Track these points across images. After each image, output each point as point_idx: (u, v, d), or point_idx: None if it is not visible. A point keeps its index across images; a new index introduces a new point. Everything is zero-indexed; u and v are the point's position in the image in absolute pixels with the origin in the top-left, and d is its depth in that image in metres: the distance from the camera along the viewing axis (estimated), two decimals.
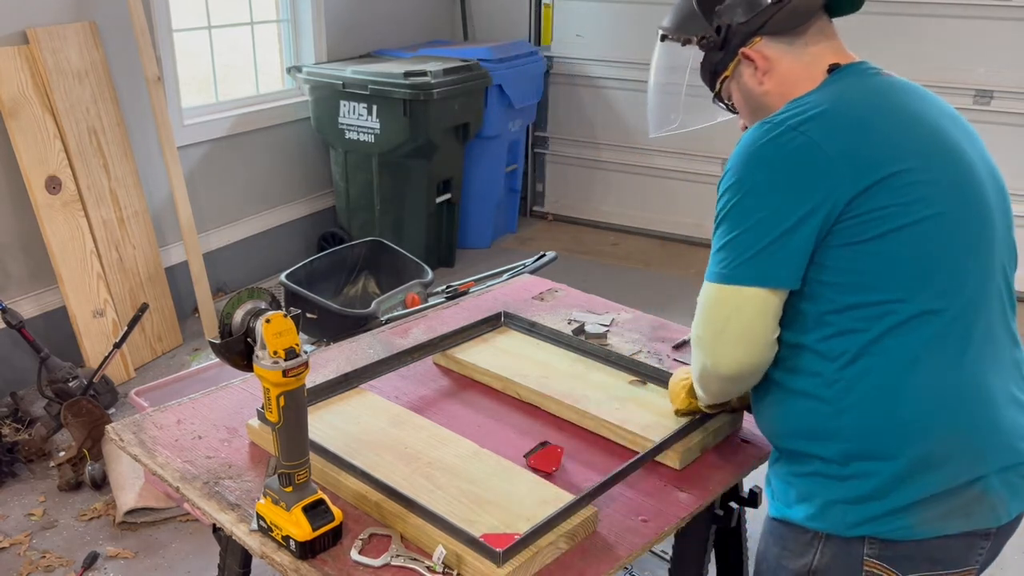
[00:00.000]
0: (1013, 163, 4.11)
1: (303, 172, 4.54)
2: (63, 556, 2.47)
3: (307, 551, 1.28)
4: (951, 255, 1.21)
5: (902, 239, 1.18)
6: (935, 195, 1.21)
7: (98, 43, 3.37)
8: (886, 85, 1.32)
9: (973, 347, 1.22)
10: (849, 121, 1.23)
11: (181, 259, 3.82)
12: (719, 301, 1.25)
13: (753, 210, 1.21)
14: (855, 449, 1.23)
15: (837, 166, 1.18)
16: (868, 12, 1.50)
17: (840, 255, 1.20)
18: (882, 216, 1.18)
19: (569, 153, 5.20)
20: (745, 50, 1.33)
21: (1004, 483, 1.23)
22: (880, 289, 1.19)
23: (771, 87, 1.33)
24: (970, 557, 1.25)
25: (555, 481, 1.45)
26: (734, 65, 1.36)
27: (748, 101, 1.38)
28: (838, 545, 1.25)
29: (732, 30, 1.34)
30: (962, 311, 1.22)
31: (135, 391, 2.69)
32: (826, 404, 1.24)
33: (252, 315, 1.28)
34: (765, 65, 1.33)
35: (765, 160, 1.22)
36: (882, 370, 1.20)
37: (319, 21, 4.43)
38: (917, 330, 1.19)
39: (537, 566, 1.28)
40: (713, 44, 1.36)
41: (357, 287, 3.57)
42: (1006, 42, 3.99)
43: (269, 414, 1.27)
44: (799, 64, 1.32)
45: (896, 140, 1.22)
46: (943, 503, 1.20)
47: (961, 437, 1.21)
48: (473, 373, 1.84)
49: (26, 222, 3.25)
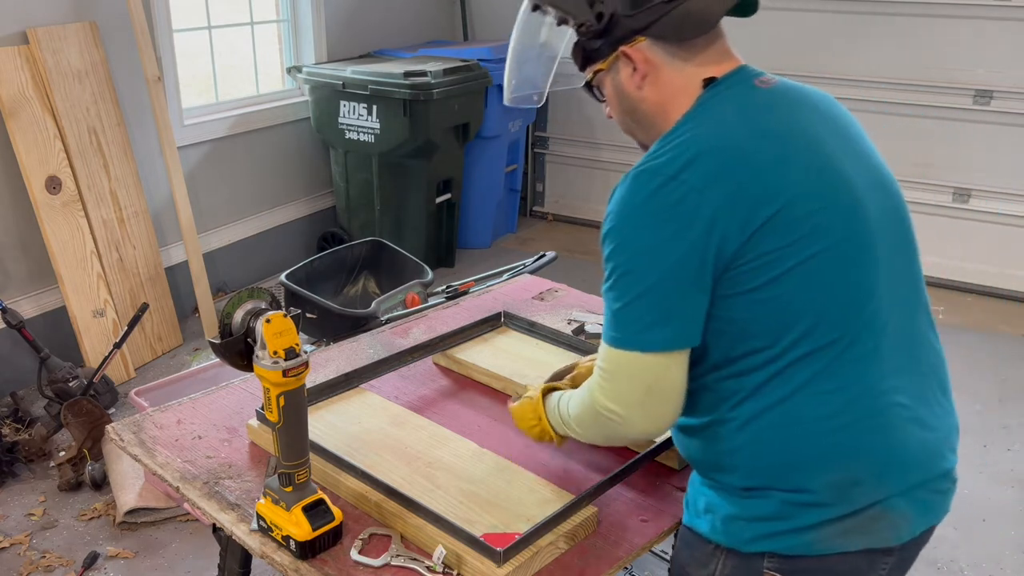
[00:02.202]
0: (1013, 163, 4.12)
1: (303, 172, 4.54)
2: (63, 556, 2.47)
3: (307, 551, 1.28)
4: (843, 283, 1.16)
5: (792, 280, 1.13)
6: (821, 224, 1.15)
7: (98, 43, 3.37)
8: (763, 99, 1.22)
9: (874, 369, 1.19)
10: (729, 157, 1.14)
11: (181, 259, 3.82)
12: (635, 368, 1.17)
13: (648, 271, 1.14)
14: (753, 483, 1.21)
15: (722, 214, 1.11)
16: (868, 12, 1.50)
17: (729, 305, 1.15)
18: (770, 261, 1.13)
19: (569, 153, 5.20)
20: (626, 48, 1.22)
21: (910, 501, 1.20)
22: (769, 334, 1.15)
23: (649, 94, 1.24)
24: (873, 571, 1.23)
25: (555, 480, 1.45)
26: (612, 59, 1.25)
27: (621, 101, 1.29)
28: (738, 559, 1.24)
29: (614, 20, 1.21)
30: (858, 337, 1.17)
31: (135, 391, 2.69)
32: (721, 442, 1.23)
33: (252, 315, 1.28)
34: (645, 68, 1.23)
35: (648, 216, 1.14)
36: (774, 408, 1.17)
37: (319, 21, 4.43)
38: (809, 367, 1.16)
39: (537, 566, 1.28)
40: (591, 31, 1.23)
41: (357, 287, 3.57)
42: (1006, 42, 3.99)
43: (269, 414, 1.27)
44: (680, 76, 1.22)
45: (778, 169, 1.15)
46: (842, 523, 1.18)
47: (860, 465, 1.18)
48: (473, 373, 1.84)
49: (26, 222, 3.25)
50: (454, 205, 4.52)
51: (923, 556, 2.57)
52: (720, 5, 1.20)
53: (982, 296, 4.32)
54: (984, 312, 4.18)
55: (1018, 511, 2.76)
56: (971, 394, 3.37)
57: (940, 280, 4.38)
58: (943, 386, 1.31)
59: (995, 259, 4.27)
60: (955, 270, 4.36)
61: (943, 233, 4.35)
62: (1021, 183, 4.15)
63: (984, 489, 2.85)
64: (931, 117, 4.23)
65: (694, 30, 1.20)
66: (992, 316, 4.13)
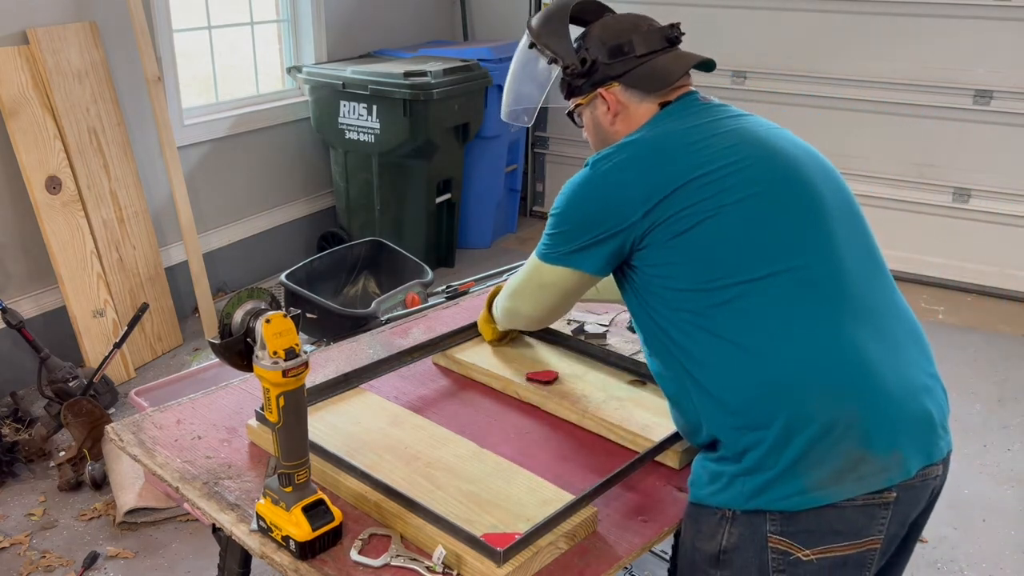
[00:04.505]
0: (1013, 163, 4.12)
1: (303, 172, 4.54)
2: (63, 556, 2.47)
3: (307, 551, 1.28)
4: (785, 217, 1.33)
5: (720, 222, 1.31)
6: (742, 182, 1.33)
7: (98, 43, 3.37)
8: (699, 107, 1.46)
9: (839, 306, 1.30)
10: (648, 150, 1.38)
11: (181, 259, 3.82)
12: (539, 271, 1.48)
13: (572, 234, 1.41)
14: (739, 423, 1.29)
15: (629, 191, 1.35)
16: (868, 12, 1.53)
17: (660, 255, 1.34)
18: (690, 213, 1.31)
19: (569, 153, 5.20)
20: (602, 91, 1.48)
21: (891, 436, 1.26)
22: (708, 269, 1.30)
23: (620, 128, 1.48)
24: (871, 527, 1.28)
25: (555, 480, 1.45)
26: (591, 97, 1.51)
27: (597, 132, 1.53)
28: (743, 523, 1.29)
29: (595, 66, 1.48)
30: (814, 267, 1.31)
31: (135, 391, 2.69)
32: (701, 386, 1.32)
33: (252, 315, 1.28)
34: (617, 108, 1.48)
35: (578, 196, 1.41)
36: (732, 342, 1.28)
37: (319, 21, 4.43)
38: (757, 298, 1.29)
39: (537, 566, 1.28)
40: (575, 73, 1.49)
41: (357, 287, 3.57)
42: (1006, 42, 3.99)
43: (269, 414, 1.27)
44: (644, 109, 1.47)
45: (691, 156, 1.36)
46: (828, 463, 1.24)
47: (830, 394, 1.25)
48: (473, 373, 1.84)
49: (26, 222, 3.25)
50: (454, 205, 4.52)
51: (923, 556, 2.58)
52: (680, 66, 1.47)
53: (982, 296, 4.32)
54: (984, 312, 4.18)
55: (1018, 511, 2.76)
56: (971, 394, 3.36)
57: (940, 280, 4.38)
58: (917, 339, 1.39)
59: (995, 259, 4.27)
60: (955, 270, 4.37)
61: (943, 233, 4.35)
62: (1021, 183, 4.14)
63: (984, 489, 2.85)
64: (931, 117, 4.23)
65: (658, 83, 1.46)
66: (992, 316, 4.13)
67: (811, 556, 1.27)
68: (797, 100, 4.40)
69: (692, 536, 1.37)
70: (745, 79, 4.51)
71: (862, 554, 1.29)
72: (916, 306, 1.38)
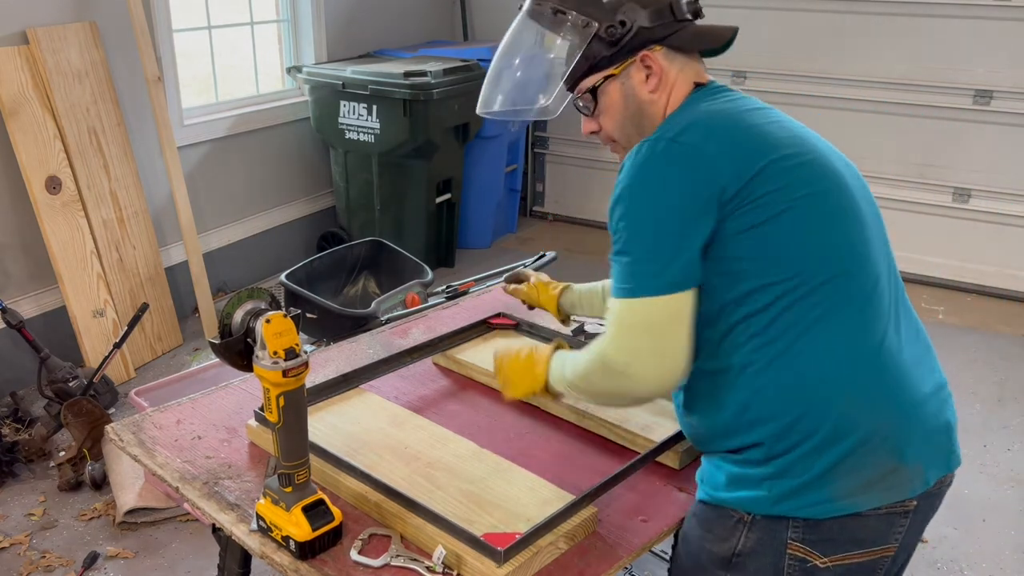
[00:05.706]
0: (1013, 163, 4.12)
1: (303, 172, 4.54)
2: (63, 556, 2.47)
3: (307, 551, 1.28)
4: (831, 226, 1.27)
5: (786, 220, 1.23)
6: (805, 175, 1.26)
7: (98, 43, 3.37)
8: (739, 97, 1.37)
9: (875, 317, 1.26)
10: (721, 123, 1.28)
11: (181, 259, 3.82)
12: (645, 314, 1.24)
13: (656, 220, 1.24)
14: (777, 428, 1.24)
15: (719, 163, 1.23)
16: (868, 12, 1.53)
17: (733, 244, 1.23)
18: (767, 202, 1.22)
19: (569, 153, 5.20)
20: (647, 53, 1.33)
21: (919, 449, 1.25)
22: (770, 271, 1.23)
23: (659, 96, 1.36)
24: (889, 535, 1.27)
25: (555, 480, 1.45)
26: (626, 65, 1.35)
27: (629, 104, 1.37)
28: (763, 528, 1.26)
29: (634, 29, 1.32)
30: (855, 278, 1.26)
31: (135, 391, 2.69)
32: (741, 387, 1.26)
33: (252, 315, 1.28)
34: (660, 73, 1.35)
35: (653, 171, 1.25)
36: (786, 345, 1.23)
37: (319, 21, 4.43)
38: (814, 302, 1.23)
39: (537, 566, 1.28)
40: (611, 37, 1.33)
41: (357, 287, 3.57)
42: (1006, 42, 3.99)
43: (269, 414, 1.27)
44: (681, 82, 1.36)
45: (765, 130, 1.28)
46: (861, 473, 1.23)
47: (872, 404, 1.23)
48: (473, 373, 1.84)
49: (26, 222, 3.25)
50: (454, 205, 4.52)
51: (923, 556, 2.58)
52: (723, 30, 1.37)
53: (982, 296, 4.32)
54: (984, 312, 4.18)
55: (1018, 511, 2.76)
56: (971, 394, 3.36)
57: (940, 280, 4.38)
58: (928, 345, 1.38)
59: (995, 259, 4.27)
60: (955, 270, 4.37)
61: (943, 233, 4.35)
62: (1021, 183, 4.14)
63: (984, 489, 2.85)
64: (931, 117, 4.23)
65: (708, 43, 1.36)
66: (992, 316, 4.13)
67: (828, 564, 1.26)
68: (797, 100, 4.40)
69: (700, 536, 1.34)
70: (745, 79, 4.51)
71: (874, 561, 1.28)
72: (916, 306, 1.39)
